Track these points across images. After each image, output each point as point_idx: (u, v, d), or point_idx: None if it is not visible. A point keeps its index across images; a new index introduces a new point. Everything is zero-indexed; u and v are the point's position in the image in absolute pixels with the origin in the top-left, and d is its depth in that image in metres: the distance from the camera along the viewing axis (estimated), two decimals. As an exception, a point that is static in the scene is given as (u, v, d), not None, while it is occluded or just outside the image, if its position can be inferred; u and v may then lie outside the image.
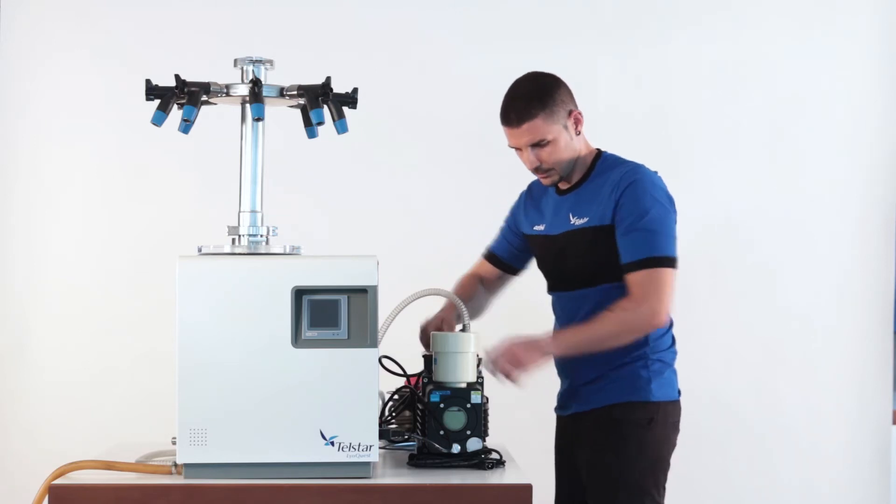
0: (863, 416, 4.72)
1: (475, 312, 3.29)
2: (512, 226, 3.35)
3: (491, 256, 3.41)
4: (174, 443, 2.65)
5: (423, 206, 4.63)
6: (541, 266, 3.27)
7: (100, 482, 2.61)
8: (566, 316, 3.16)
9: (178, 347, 2.62)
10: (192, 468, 2.63)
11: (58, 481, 2.61)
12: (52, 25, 4.56)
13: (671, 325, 3.12)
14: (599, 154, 3.15)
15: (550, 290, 3.23)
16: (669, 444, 3.10)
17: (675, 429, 3.11)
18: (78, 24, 4.56)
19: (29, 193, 4.58)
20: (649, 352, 3.06)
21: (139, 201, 4.57)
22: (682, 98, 4.69)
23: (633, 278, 2.98)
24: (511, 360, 2.92)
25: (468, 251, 4.59)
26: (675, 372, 3.13)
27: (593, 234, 3.05)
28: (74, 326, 4.55)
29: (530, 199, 3.29)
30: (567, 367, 3.16)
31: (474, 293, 3.35)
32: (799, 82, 4.71)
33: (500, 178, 4.19)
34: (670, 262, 2.98)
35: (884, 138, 4.73)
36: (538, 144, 3.05)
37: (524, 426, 3.88)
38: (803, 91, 4.71)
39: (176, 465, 2.65)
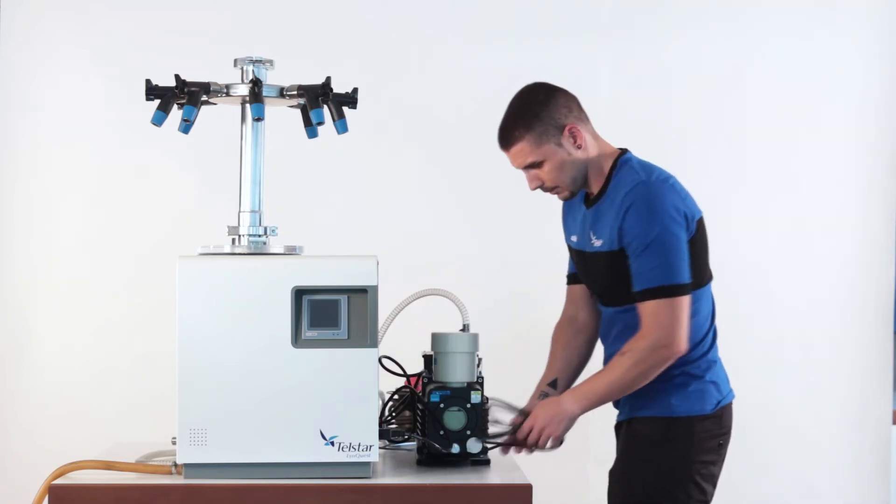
0: (863, 416, 4.71)
1: (583, 362, 3.17)
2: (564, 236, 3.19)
3: (571, 277, 3.20)
4: (174, 443, 2.65)
5: (424, 206, 4.62)
6: (580, 277, 3.15)
7: (100, 482, 2.62)
8: (602, 332, 3.10)
9: (178, 347, 2.63)
10: (192, 468, 2.63)
11: (58, 481, 2.62)
12: (52, 25, 4.55)
13: (707, 333, 3.00)
14: (619, 156, 2.99)
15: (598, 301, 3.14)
16: (693, 462, 2.95)
17: (704, 444, 2.97)
18: (78, 24, 4.56)
19: (29, 193, 4.58)
20: (670, 365, 2.91)
21: (139, 201, 4.56)
22: (681, 98, 4.68)
23: (643, 309, 2.87)
24: (539, 434, 2.86)
25: (468, 251, 4.63)
26: (710, 383, 2.99)
27: (610, 259, 2.94)
28: (74, 326, 4.54)
29: (568, 206, 3.14)
30: None
31: (570, 351, 3.18)
32: (799, 82, 4.70)
33: (500, 177, 4.19)
34: (678, 289, 2.84)
35: (884, 138, 4.72)
36: (532, 166, 2.95)
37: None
38: (803, 91, 4.70)
39: (176, 465, 2.65)
